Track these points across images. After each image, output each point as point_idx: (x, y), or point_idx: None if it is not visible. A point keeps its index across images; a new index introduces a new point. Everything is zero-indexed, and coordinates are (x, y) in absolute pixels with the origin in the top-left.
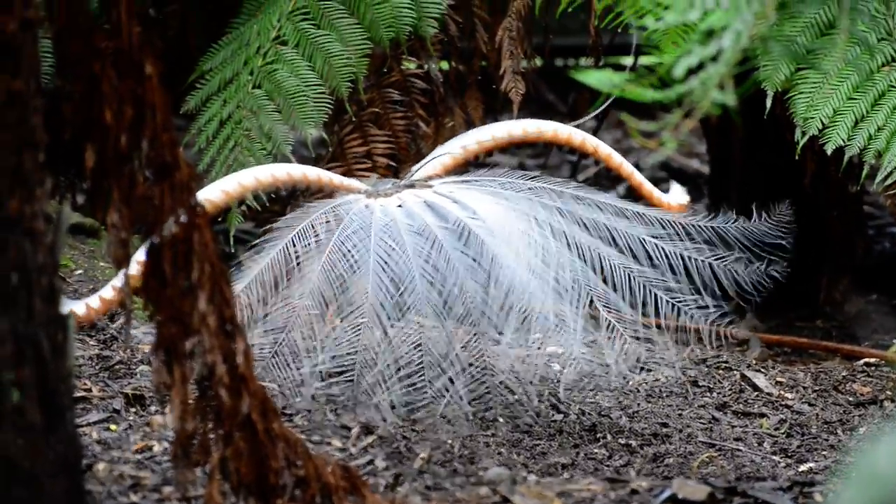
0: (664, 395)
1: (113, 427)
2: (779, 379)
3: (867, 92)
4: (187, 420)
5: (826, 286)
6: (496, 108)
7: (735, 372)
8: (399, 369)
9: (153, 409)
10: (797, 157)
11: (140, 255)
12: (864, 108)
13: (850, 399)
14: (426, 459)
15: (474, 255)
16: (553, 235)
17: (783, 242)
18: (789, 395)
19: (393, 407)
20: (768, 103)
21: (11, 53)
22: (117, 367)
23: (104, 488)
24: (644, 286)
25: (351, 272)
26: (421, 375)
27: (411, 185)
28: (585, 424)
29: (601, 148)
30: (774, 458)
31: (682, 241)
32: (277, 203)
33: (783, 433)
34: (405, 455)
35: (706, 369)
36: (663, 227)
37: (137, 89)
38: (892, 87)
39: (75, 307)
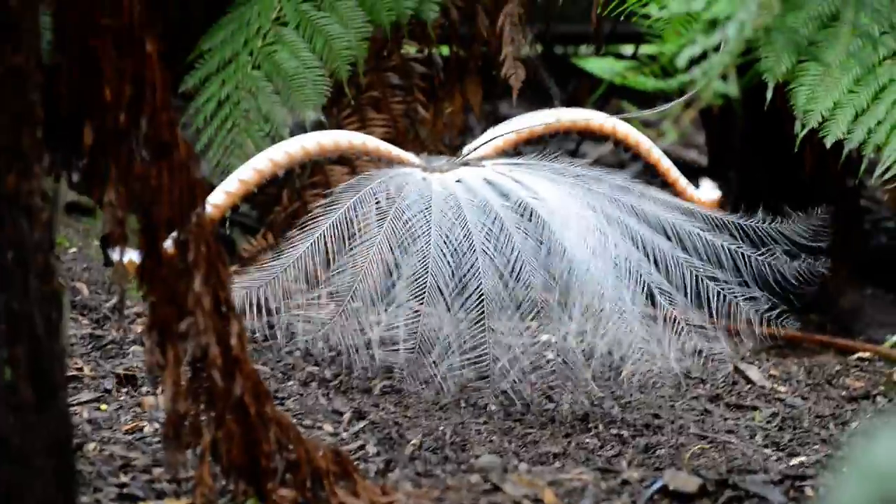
0: (657, 385)
1: (104, 407)
2: (772, 372)
3: (868, 85)
4: (179, 401)
5: (821, 279)
6: (496, 94)
7: (728, 364)
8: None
9: (144, 389)
10: (796, 150)
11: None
12: (865, 102)
13: (843, 393)
14: (417, 446)
15: (536, 234)
16: (608, 222)
17: (820, 245)
18: (782, 389)
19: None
20: (769, 95)
21: (12, 28)
22: (109, 346)
23: (94, 468)
24: (697, 277)
25: (412, 242)
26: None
27: (466, 164)
28: (577, 414)
29: (643, 142)
30: (766, 451)
31: (728, 236)
32: (274, 186)
33: (775, 426)
34: (396, 441)
35: (699, 361)
36: (706, 222)
37: (137, 67)
38: (894, 80)
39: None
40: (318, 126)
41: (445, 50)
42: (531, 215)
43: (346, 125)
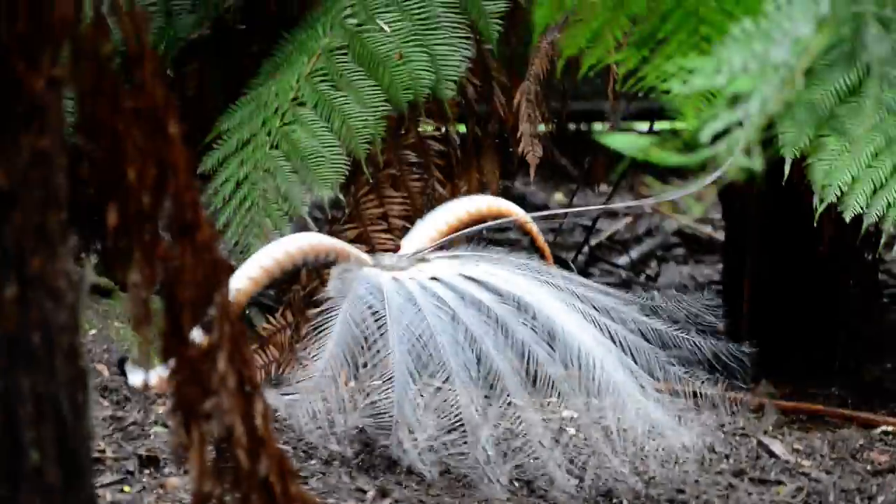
0: (680, 460)
1: (126, 489)
2: (796, 446)
3: (887, 158)
4: (205, 482)
5: (841, 353)
6: (511, 172)
7: (751, 438)
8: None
9: (167, 470)
10: (815, 224)
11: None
12: (884, 176)
13: (868, 467)
14: None
15: (543, 329)
16: (572, 309)
17: (716, 324)
18: (806, 463)
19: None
20: (787, 169)
21: (38, 112)
22: (131, 427)
23: None
24: (658, 362)
25: (423, 345)
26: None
27: (423, 259)
28: (601, 489)
29: (534, 227)
30: None
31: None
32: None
33: (801, 501)
34: None
35: (722, 435)
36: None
37: (161, 149)
38: None
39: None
40: (336, 204)
41: (462, 128)
42: (531, 311)
43: (363, 203)
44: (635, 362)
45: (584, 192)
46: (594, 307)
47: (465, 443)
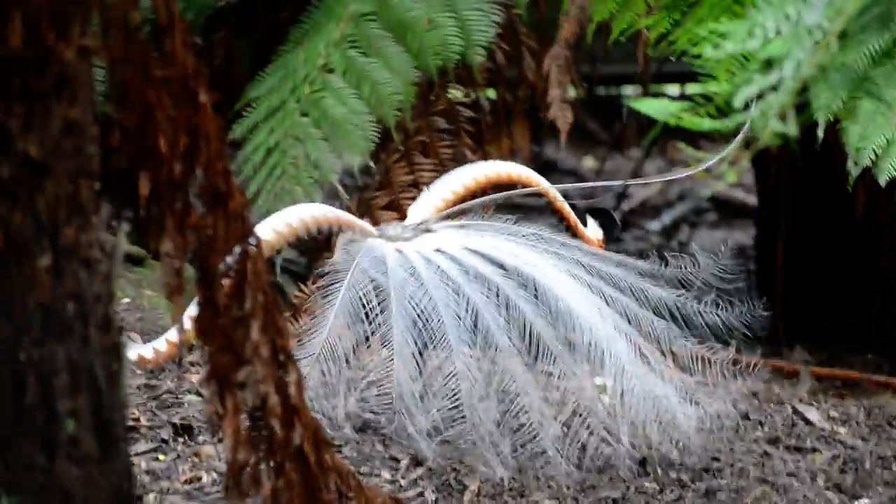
0: (714, 428)
1: (161, 457)
2: (831, 413)
3: None
4: (239, 451)
5: (876, 318)
6: (542, 137)
7: (786, 406)
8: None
9: (201, 438)
10: (849, 188)
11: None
12: None
13: None
14: (476, 492)
15: (545, 302)
16: (577, 281)
17: (738, 284)
18: (842, 430)
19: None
20: (820, 133)
21: (68, 82)
22: (165, 396)
23: None
24: (669, 336)
25: (423, 319)
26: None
27: (428, 230)
28: (635, 458)
29: (550, 190)
30: (828, 493)
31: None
32: (320, 232)
33: (837, 468)
34: (455, 488)
35: (757, 403)
36: (640, 274)
37: (192, 118)
38: None
39: (142, 351)
40: (367, 172)
41: (492, 93)
42: (535, 284)
43: (394, 170)
44: (644, 336)
45: (614, 156)
46: (604, 279)
47: (466, 420)
